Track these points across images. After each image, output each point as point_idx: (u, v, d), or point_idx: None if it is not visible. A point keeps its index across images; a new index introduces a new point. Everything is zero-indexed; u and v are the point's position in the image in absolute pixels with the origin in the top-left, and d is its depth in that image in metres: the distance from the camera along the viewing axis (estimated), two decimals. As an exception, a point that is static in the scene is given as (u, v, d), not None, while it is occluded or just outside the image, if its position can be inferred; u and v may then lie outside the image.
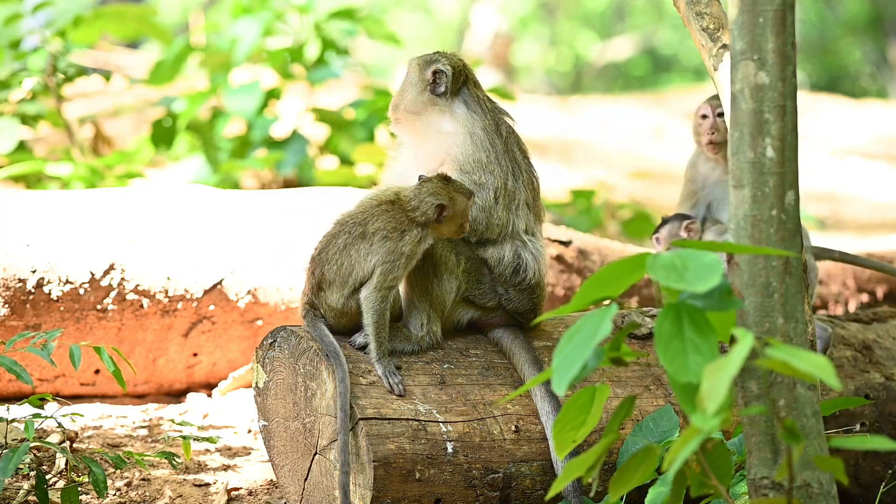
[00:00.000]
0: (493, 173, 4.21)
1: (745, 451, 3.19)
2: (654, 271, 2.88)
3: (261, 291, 5.23)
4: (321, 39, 8.37)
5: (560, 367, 2.90)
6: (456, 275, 4.13)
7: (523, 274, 4.22)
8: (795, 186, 3.20)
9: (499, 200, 4.21)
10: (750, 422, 3.16)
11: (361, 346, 3.98)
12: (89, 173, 7.21)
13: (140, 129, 9.86)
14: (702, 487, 3.04)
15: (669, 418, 4.02)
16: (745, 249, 3.10)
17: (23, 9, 7.68)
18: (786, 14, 3.17)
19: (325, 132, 8.63)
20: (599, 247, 6.04)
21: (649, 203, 10.43)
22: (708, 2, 4.28)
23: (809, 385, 3.14)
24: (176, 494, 4.32)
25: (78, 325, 4.97)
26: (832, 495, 3.16)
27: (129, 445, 4.64)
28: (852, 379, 4.78)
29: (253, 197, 5.51)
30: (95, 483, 3.96)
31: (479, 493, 3.97)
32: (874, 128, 13.80)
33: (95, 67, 9.99)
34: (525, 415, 4.08)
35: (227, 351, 5.26)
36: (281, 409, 4.05)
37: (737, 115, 3.19)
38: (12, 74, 7.63)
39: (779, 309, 3.15)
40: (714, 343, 2.87)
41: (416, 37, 24.35)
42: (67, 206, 5.16)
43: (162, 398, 5.27)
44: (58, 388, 5.04)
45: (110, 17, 8.10)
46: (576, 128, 13.39)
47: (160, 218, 5.22)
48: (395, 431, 3.87)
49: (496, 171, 4.22)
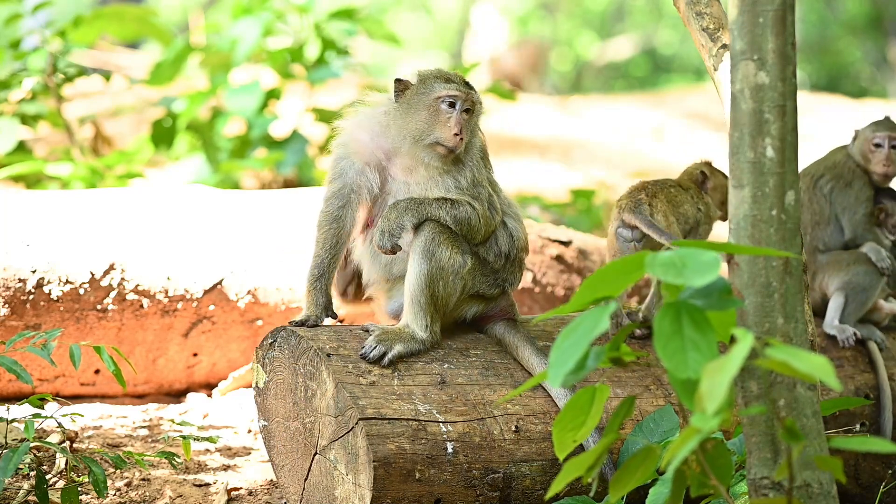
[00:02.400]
0: (482, 184, 4.27)
1: (745, 451, 3.19)
2: (653, 269, 2.89)
3: (261, 291, 5.23)
4: (321, 39, 8.37)
5: (557, 362, 2.91)
6: (462, 275, 4.16)
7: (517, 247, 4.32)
8: (795, 186, 3.20)
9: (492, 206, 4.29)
10: (750, 422, 3.16)
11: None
12: (89, 173, 7.21)
13: (140, 129, 9.86)
14: (702, 487, 3.04)
15: (670, 418, 4.02)
16: (745, 250, 3.10)
17: (23, 9, 7.67)
18: (786, 14, 3.17)
19: (325, 132, 8.63)
20: (599, 247, 6.04)
21: (649, 203, 10.41)
22: (708, 2, 4.28)
23: (809, 385, 3.14)
24: (176, 494, 4.32)
25: (78, 325, 4.97)
26: (832, 495, 3.16)
27: (129, 445, 4.64)
28: (852, 379, 4.78)
29: (253, 197, 5.51)
30: (95, 483, 3.96)
31: (479, 493, 3.97)
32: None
33: (95, 67, 9.98)
34: (525, 415, 4.08)
35: (227, 351, 5.26)
36: (281, 409, 4.05)
37: (737, 115, 3.19)
38: (12, 74, 7.63)
39: (779, 309, 3.15)
40: (713, 341, 2.88)
41: (416, 37, 24.36)
42: (67, 206, 5.16)
43: (162, 398, 5.27)
44: (58, 388, 5.04)
45: (110, 18, 8.09)
46: (576, 128, 13.38)
47: (160, 218, 5.22)
48: (395, 431, 3.87)
49: (483, 178, 4.29)
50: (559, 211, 8.77)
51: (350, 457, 3.86)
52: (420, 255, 4.11)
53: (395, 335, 4.06)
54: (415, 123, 4.21)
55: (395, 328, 4.09)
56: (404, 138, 4.22)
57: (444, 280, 4.12)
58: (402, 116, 4.23)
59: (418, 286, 4.10)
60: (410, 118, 4.22)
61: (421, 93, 4.23)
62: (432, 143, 4.21)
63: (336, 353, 3.97)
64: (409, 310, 4.11)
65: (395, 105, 4.25)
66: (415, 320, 4.10)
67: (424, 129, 4.20)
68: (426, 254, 4.10)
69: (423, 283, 4.09)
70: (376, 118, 4.29)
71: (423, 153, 4.22)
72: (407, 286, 4.12)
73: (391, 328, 4.10)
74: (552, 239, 5.88)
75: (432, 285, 4.10)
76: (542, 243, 5.85)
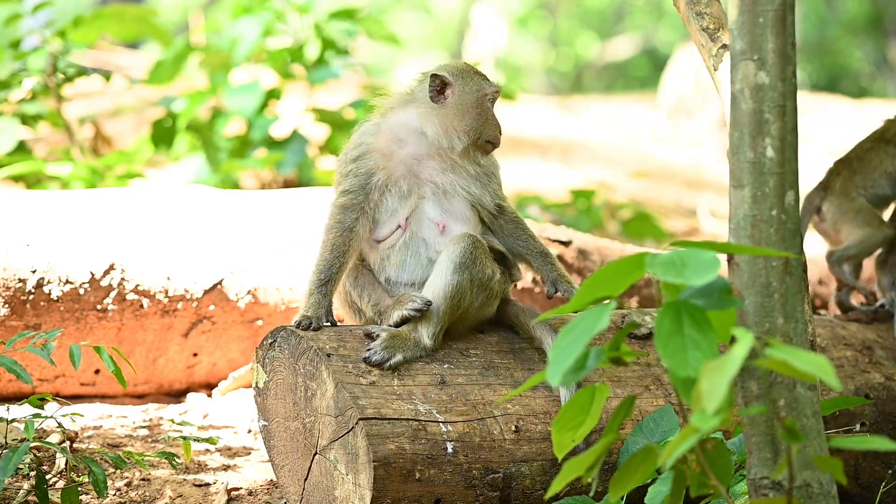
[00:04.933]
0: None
1: (745, 451, 3.19)
2: (653, 269, 2.89)
3: (261, 291, 5.23)
4: (321, 39, 8.37)
5: (556, 360, 2.92)
6: (488, 287, 4.17)
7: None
8: (795, 186, 3.20)
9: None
10: (750, 422, 3.16)
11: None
12: (89, 173, 7.21)
13: (140, 129, 9.86)
14: (702, 487, 3.04)
15: (670, 418, 4.02)
16: (745, 250, 3.10)
17: (23, 9, 7.67)
18: (786, 14, 3.17)
19: (325, 132, 8.63)
20: (599, 247, 6.04)
21: (649, 203, 10.43)
22: (708, 2, 4.28)
23: (809, 385, 3.14)
24: (176, 494, 4.32)
25: (78, 325, 4.97)
26: (832, 495, 3.16)
27: (129, 445, 4.64)
28: (852, 379, 4.78)
29: (253, 197, 5.51)
30: (95, 483, 3.96)
31: (479, 493, 3.97)
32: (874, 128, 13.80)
33: (95, 67, 9.98)
34: (525, 415, 4.08)
35: (227, 351, 5.26)
36: (281, 409, 4.05)
37: (737, 115, 3.19)
38: (12, 74, 7.63)
39: (779, 309, 3.15)
40: (713, 340, 2.88)
41: (416, 37, 24.36)
42: (67, 206, 5.16)
43: (162, 398, 5.28)
44: (58, 388, 5.04)
45: (110, 18, 8.09)
46: (576, 128, 13.38)
47: (160, 218, 5.23)
48: (395, 431, 3.87)
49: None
50: (559, 211, 8.78)
51: (350, 457, 3.86)
52: (453, 265, 4.08)
53: (401, 341, 4.03)
54: (465, 123, 4.19)
55: (401, 333, 4.05)
56: (451, 138, 4.19)
57: (470, 291, 4.10)
58: (446, 116, 4.19)
59: (443, 295, 4.07)
60: (458, 118, 4.19)
61: (467, 91, 4.21)
62: (483, 143, 4.22)
63: (336, 353, 3.97)
64: (427, 317, 4.08)
65: (432, 105, 4.21)
66: (426, 327, 4.07)
67: (476, 127, 4.20)
68: (461, 267, 4.08)
69: (449, 293, 4.07)
70: (408, 121, 4.23)
71: (473, 152, 4.22)
72: (430, 292, 4.09)
73: (397, 333, 4.05)
74: (552, 239, 5.88)
75: (457, 296, 4.08)
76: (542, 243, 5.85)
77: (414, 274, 4.20)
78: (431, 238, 4.19)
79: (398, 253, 4.20)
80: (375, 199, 4.19)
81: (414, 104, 4.25)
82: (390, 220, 4.21)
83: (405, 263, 4.20)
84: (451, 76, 4.22)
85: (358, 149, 4.23)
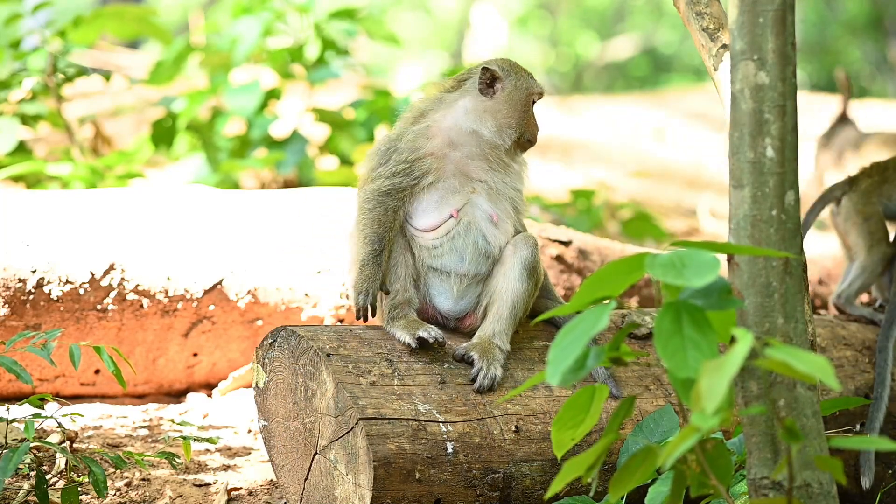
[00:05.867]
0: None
1: (745, 451, 3.19)
2: (653, 269, 2.89)
3: (261, 291, 5.23)
4: (321, 39, 8.37)
5: (555, 359, 2.92)
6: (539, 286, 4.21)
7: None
8: (795, 186, 3.20)
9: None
10: (750, 422, 3.16)
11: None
12: (89, 173, 7.21)
13: (140, 129, 9.86)
14: (702, 487, 3.04)
15: (669, 418, 4.02)
16: (745, 250, 3.10)
17: (23, 9, 7.68)
18: (786, 14, 3.17)
19: (325, 132, 8.63)
20: (599, 247, 6.04)
21: (649, 203, 10.43)
22: (708, 2, 4.28)
23: (809, 385, 3.14)
24: (176, 494, 4.32)
25: (78, 325, 4.97)
26: (832, 495, 3.16)
27: (129, 445, 4.64)
28: (852, 379, 4.78)
29: (253, 197, 5.51)
30: (95, 483, 3.96)
31: (479, 493, 3.97)
32: (874, 128, 13.80)
33: (95, 67, 9.98)
34: (525, 415, 4.08)
35: (227, 351, 5.26)
36: (281, 409, 4.05)
37: (737, 115, 3.19)
38: (12, 74, 7.63)
39: (779, 309, 3.15)
40: (713, 340, 2.88)
41: (416, 37, 24.35)
42: (67, 206, 5.16)
43: (162, 398, 5.28)
44: (58, 388, 5.04)
45: (110, 17, 8.09)
46: (576, 128, 13.38)
47: (160, 218, 5.23)
48: (395, 431, 3.87)
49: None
50: (559, 211, 8.77)
51: (350, 457, 3.87)
52: (523, 270, 4.11)
53: (491, 357, 4.05)
54: (513, 119, 4.19)
55: (483, 345, 4.07)
56: (503, 135, 4.19)
57: (534, 294, 4.17)
58: (497, 111, 4.19)
59: (518, 302, 4.11)
60: (507, 113, 4.19)
61: (517, 88, 4.21)
62: (524, 141, 4.24)
63: (336, 353, 3.97)
64: (502, 323, 4.10)
65: (481, 98, 4.20)
66: (504, 334, 4.10)
67: (522, 124, 4.21)
68: (531, 272, 4.12)
69: (523, 298, 4.11)
70: (459, 123, 4.20)
71: (514, 150, 4.23)
72: (502, 299, 4.11)
73: (481, 346, 4.06)
74: (552, 239, 5.88)
75: (529, 300, 4.13)
76: (542, 243, 5.85)
77: (470, 266, 4.16)
78: (488, 229, 4.18)
79: (452, 242, 4.16)
80: (419, 193, 4.17)
81: (462, 100, 4.22)
82: (439, 209, 4.15)
83: (463, 252, 4.16)
84: (502, 71, 4.21)
85: (414, 153, 4.16)
